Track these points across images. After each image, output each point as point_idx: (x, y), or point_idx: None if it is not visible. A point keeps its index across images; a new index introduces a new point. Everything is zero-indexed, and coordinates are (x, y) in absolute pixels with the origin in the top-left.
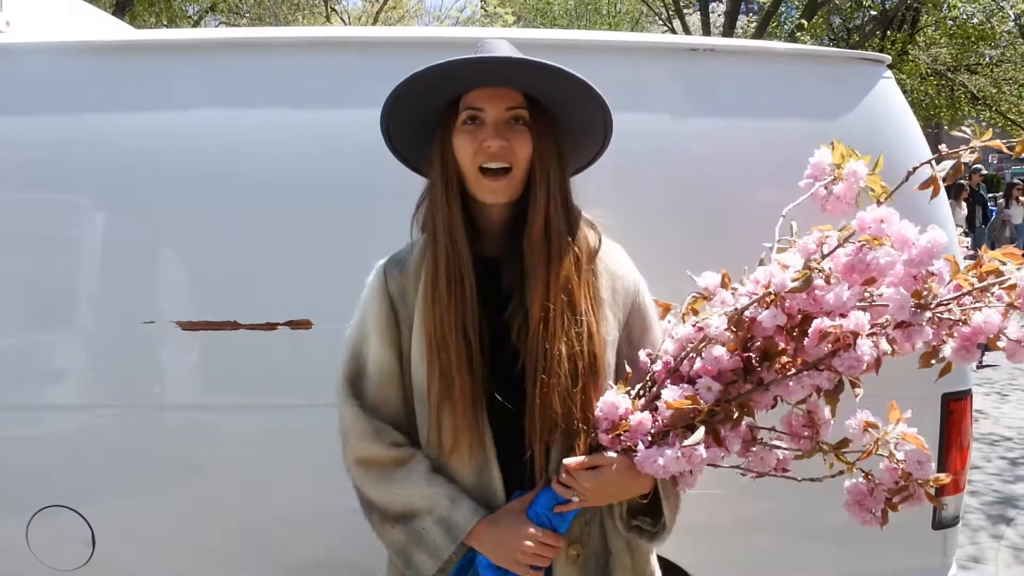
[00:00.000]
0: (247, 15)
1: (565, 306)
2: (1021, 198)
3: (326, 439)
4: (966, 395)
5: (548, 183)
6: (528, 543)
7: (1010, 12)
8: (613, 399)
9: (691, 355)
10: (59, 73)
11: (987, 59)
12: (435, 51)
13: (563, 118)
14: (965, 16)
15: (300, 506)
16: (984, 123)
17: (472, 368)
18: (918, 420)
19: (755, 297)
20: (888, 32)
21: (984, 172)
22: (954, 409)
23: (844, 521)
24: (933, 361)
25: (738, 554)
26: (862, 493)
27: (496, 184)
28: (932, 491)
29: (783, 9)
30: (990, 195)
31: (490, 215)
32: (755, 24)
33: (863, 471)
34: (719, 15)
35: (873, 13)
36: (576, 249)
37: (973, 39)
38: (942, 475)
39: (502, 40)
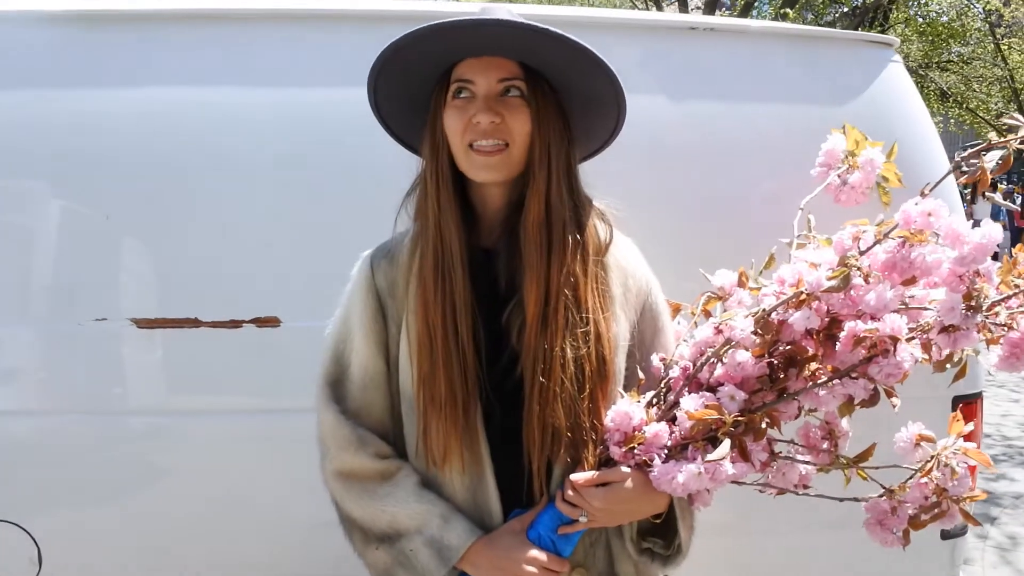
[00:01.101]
0: None
1: (569, 302)
2: (988, 193)
3: (297, 446)
4: (977, 398)
5: (549, 163)
6: (530, 568)
7: (980, 9)
8: (626, 408)
9: (711, 360)
10: (6, 46)
11: (957, 56)
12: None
13: (568, 93)
14: (936, 14)
15: (270, 519)
16: (953, 120)
17: (464, 370)
18: (928, 424)
19: (783, 297)
20: (859, 29)
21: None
22: (965, 413)
23: (849, 530)
24: (948, 365)
25: (738, 563)
26: (883, 512)
27: (489, 159)
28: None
29: (758, 3)
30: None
31: (488, 199)
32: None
33: (884, 487)
34: (695, 7)
35: (845, 9)
36: (583, 240)
37: (943, 37)
38: (978, 491)
39: (502, 5)
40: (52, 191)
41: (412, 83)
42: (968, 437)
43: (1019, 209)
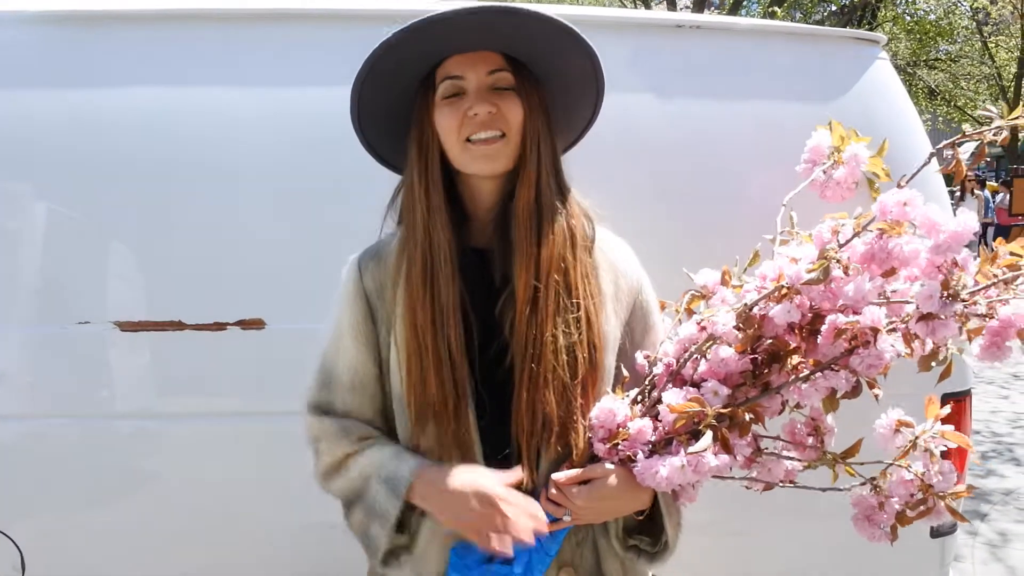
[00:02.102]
0: None
1: (559, 288)
2: (976, 191)
3: (283, 448)
4: (966, 395)
5: (539, 153)
6: (501, 506)
7: (967, 8)
8: (610, 405)
9: (695, 357)
10: None
11: (944, 54)
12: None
13: (549, 82)
14: (923, 12)
15: (256, 522)
16: (941, 118)
17: (453, 372)
18: (917, 421)
19: (764, 291)
20: (848, 27)
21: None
22: (955, 410)
23: (838, 529)
24: (933, 364)
25: (727, 562)
26: (871, 507)
27: (488, 148)
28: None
29: (746, 2)
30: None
31: (480, 196)
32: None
33: (867, 480)
34: (683, 6)
35: (833, 8)
36: (571, 227)
37: (931, 35)
38: (962, 487)
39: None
40: (35, 193)
41: (393, 90)
42: (957, 428)
43: (1006, 207)
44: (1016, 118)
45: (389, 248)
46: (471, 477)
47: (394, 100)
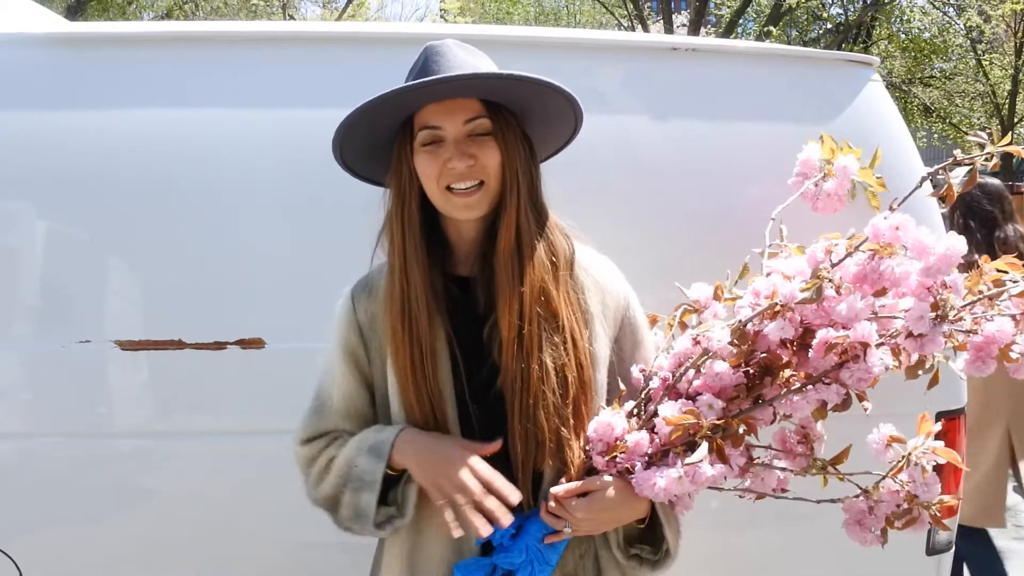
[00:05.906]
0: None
1: (543, 319)
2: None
3: (282, 467)
4: (960, 413)
5: (518, 190)
6: (463, 472)
7: (961, 26)
8: (608, 419)
9: (689, 371)
10: None
11: (939, 72)
12: (397, 47)
13: (526, 112)
14: (918, 30)
15: (256, 540)
16: (936, 135)
17: (434, 409)
18: (910, 438)
19: (759, 308)
20: (843, 45)
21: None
22: (948, 428)
23: (833, 548)
24: (920, 372)
25: None
26: (861, 512)
27: (469, 199)
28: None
29: (742, 20)
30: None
31: (464, 232)
32: (715, 36)
33: (861, 488)
34: (679, 26)
35: (829, 26)
36: (552, 253)
37: (926, 52)
38: (947, 497)
39: (449, 41)
40: (36, 212)
41: (376, 136)
42: (951, 446)
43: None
44: (1006, 144)
45: (380, 280)
46: (456, 440)
47: (379, 139)
